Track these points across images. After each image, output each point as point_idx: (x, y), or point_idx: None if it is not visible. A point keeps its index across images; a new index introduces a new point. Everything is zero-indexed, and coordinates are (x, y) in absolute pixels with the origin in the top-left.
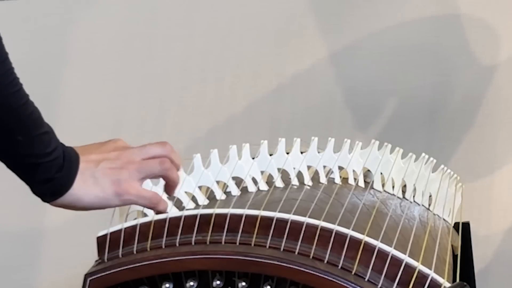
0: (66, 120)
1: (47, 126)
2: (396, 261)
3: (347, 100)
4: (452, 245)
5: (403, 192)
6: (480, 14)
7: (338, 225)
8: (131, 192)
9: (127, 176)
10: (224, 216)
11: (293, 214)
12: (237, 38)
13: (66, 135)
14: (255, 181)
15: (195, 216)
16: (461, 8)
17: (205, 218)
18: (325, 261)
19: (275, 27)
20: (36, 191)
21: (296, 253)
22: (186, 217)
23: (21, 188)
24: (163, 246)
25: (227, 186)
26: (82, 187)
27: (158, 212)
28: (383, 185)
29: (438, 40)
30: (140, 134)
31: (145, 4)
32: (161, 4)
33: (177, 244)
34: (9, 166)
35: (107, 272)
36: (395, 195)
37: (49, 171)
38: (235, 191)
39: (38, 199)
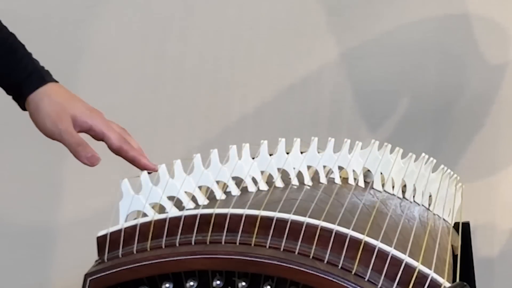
0: None
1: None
2: (396, 261)
3: (356, 100)
4: (452, 245)
5: (403, 192)
6: (490, 14)
7: (338, 225)
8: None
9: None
10: (224, 216)
11: (293, 214)
12: (247, 39)
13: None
14: (255, 181)
15: (195, 216)
16: (470, 8)
17: (205, 218)
18: (325, 261)
19: (284, 27)
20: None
21: (296, 253)
22: (186, 217)
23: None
24: (163, 246)
25: (227, 186)
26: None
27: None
28: (383, 185)
29: (447, 40)
30: (151, 133)
31: (159, 5)
32: (174, 6)
33: (177, 244)
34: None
35: (107, 272)
36: (395, 195)
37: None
38: (235, 191)
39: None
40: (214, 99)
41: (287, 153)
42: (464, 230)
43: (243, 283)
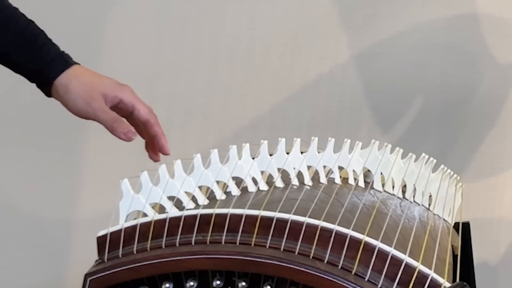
0: None
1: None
2: (396, 261)
3: (367, 101)
4: (452, 245)
5: (403, 192)
6: (499, 13)
7: (338, 225)
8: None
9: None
10: (224, 216)
11: (293, 214)
12: (260, 40)
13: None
14: (255, 181)
15: (195, 216)
16: (479, 7)
17: (205, 218)
18: (325, 261)
19: (297, 28)
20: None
21: (296, 253)
22: (186, 217)
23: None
24: (163, 246)
25: (227, 186)
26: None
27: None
28: (383, 185)
29: (457, 40)
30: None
31: (173, 6)
32: (188, 7)
33: (177, 244)
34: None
35: (107, 272)
36: (395, 195)
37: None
38: (235, 191)
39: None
40: (227, 100)
41: (287, 153)
42: (464, 230)
43: (243, 283)
